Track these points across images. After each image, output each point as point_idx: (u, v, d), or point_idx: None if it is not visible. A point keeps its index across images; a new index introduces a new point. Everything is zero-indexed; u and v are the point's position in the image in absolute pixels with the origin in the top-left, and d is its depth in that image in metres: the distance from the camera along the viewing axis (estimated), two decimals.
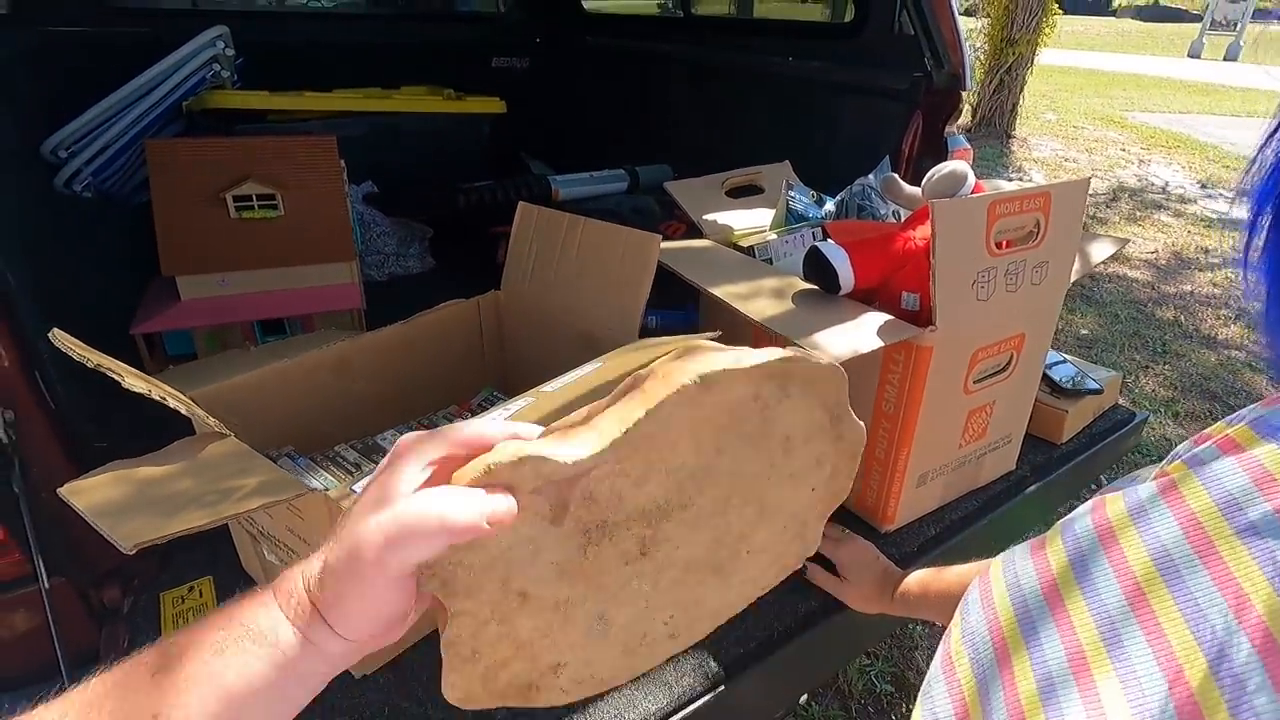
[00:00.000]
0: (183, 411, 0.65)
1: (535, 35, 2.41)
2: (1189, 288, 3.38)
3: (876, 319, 0.84)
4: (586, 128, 2.40)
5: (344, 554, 0.34)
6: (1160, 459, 0.45)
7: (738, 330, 1.07)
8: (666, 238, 1.61)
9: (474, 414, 0.98)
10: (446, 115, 1.91)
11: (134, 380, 0.63)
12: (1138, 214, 4.32)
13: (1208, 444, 0.39)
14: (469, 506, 0.33)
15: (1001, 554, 0.44)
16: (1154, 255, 3.72)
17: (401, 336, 0.98)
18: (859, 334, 0.80)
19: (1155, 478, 0.40)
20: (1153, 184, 4.87)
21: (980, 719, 0.37)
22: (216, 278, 1.23)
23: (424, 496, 0.34)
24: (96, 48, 1.63)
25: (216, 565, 0.87)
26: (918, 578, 0.76)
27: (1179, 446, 0.42)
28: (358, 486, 0.61)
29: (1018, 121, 6.01)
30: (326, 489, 0.69)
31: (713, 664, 0.76)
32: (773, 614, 0.82)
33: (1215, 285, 3.39)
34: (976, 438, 0.96)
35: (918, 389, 0.85)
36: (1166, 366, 2.71)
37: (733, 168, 1.29)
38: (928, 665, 0.44)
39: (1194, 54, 12.34)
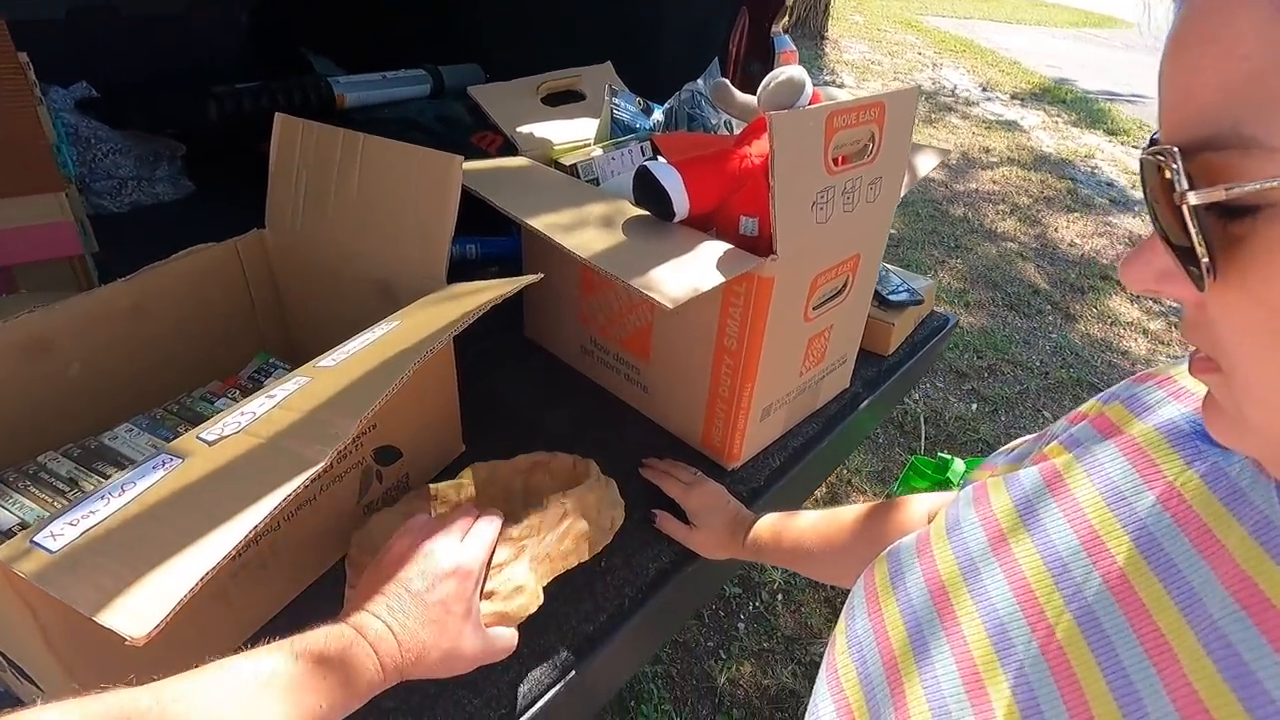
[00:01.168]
0: None
1: None
2: (975, 185, 3.72)
3: (715, 249, 0.76)
4: (380, 18, 2.04)
5: (439, 661, 0.50)
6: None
7: (565, 265, 0.95)
8: (480, 151, 1.43)
9: (243, 390, 0.79)
10: None
11: None
12: (933, 116, 4.64)
13: (1083, 423, 0.36)
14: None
15: (885, 552, 0.39)
16: (947, 156, 4.04)
17: (128, 298, 0.75)
18: (698, 270, 0.71)
19: (1034, 461, 0.37)
20: (944, 87, 5.24)
21: None
22: None
23: (503, 637, 0.56)
24: None
25: None
26: (768, 524, 0.73)
27: (1054, 425, 0.39)
28: (42, 536, 0.44)
29: (830, 22, 6.15)
30: (12, 532, 0.50)
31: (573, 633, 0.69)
32: (625, 578, 0.76)
33: (994, 183, 3.76)
34: (816, 363, 0.94)
35: (759, 321, 0.79)
36: (959, 260, 2.99)
37: (549, 69, 1.12)
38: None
39: None
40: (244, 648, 0.44)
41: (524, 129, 1.03)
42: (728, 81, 0.95)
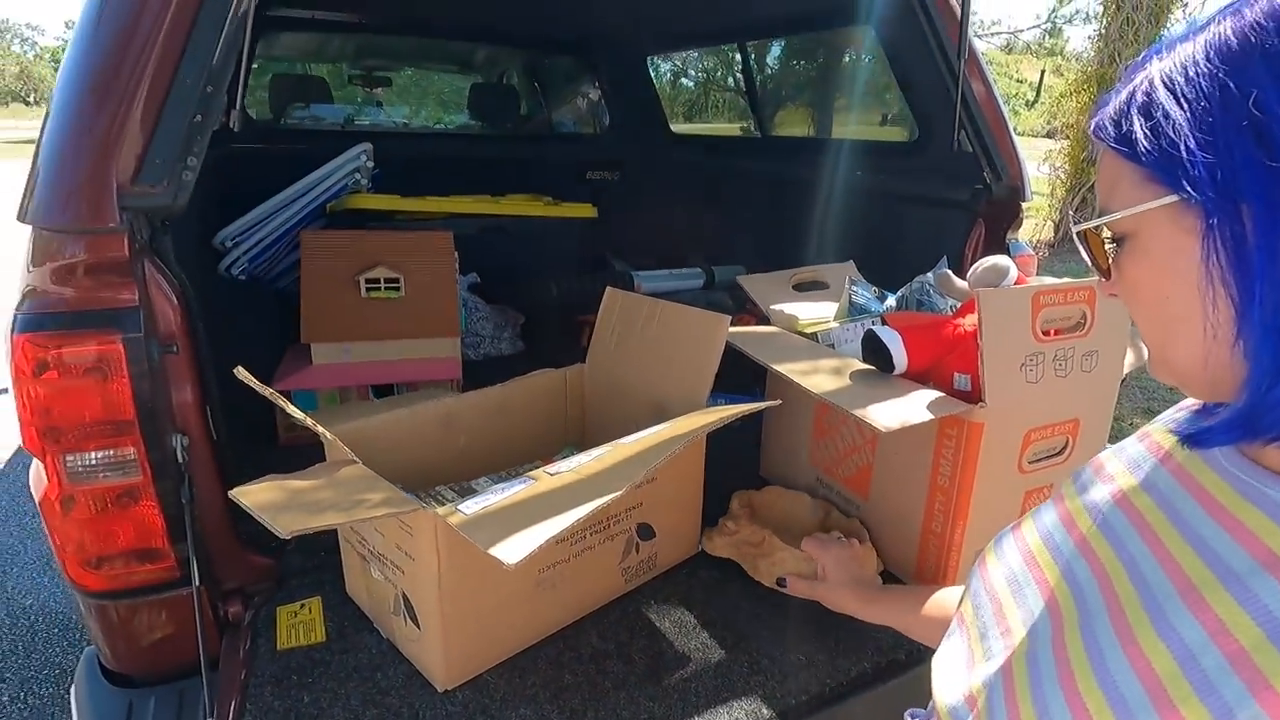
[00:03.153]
0: (326, 438, 0.79)
1: (627, 153, 2.70)
2: None
3: (928, 395, 0.91)
4: (667, 233, 2.62)
5: None
6: None
7: (800, 410, 1.15)
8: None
9: None
10: (544, 219, 2.15)
11: (294, 411, 0.77)
12: None
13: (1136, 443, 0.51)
14: None
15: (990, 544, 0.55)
16: None
17: (499, 397, 1.11)
18: (910, 407, 0.87)
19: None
20: None
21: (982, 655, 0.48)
22: (343, 346, 1.43)
23: None
24: (266, 161, 1.98)
25: (323, 588, 0.99)
26: (892, 590, 0.81)
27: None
28: (462, 507, 0.72)
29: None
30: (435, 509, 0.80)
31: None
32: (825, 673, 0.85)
33: None
34: None
35: (970, 463, 0.90)
36: None
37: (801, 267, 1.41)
38: None
39: None
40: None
41: (776, 307, 1.30)
42: (949, 271, 1.13)
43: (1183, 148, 0.35)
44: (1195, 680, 0.34)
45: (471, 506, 0.72)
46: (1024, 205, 1.55)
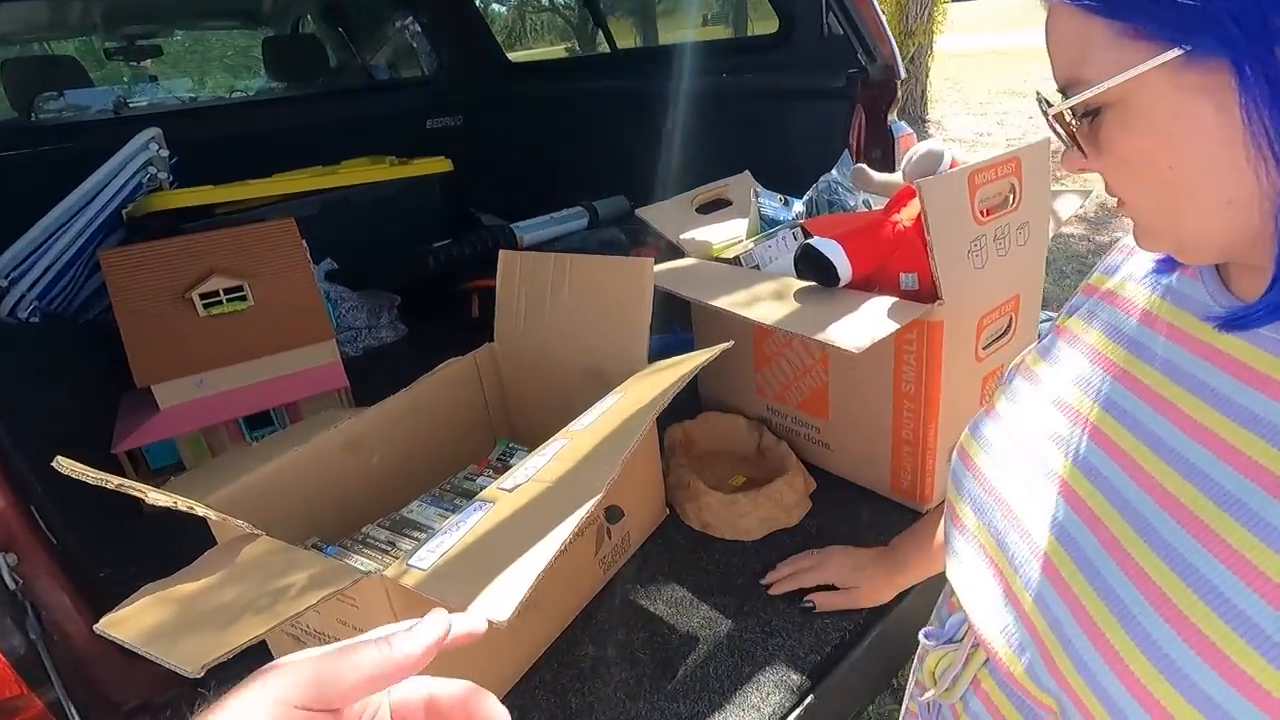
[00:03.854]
0: (212, 518, 0.61)
1: (466, 93, 2.43)
2: (1116, 236, 3.54)
3: (883, 303, 0.85)
4: (535, 174, 2.41)
5: None
6: None
7: (737, 342, 1.07)
8: None
9: (495, 470, 0.95)
10: (393, 181, 1.89)
11: (157, 496, 0.59)
12: (1058, 174, 4.53)
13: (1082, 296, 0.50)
14: None
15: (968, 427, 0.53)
16: (1082, 210, 3.90)
17: (406, 404, 0.95)
18: (873, 321, 0.81)
19: (1055, 332, 0.49)
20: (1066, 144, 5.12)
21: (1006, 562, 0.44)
22: (193, 379, 1.18)
23: None
24: (26, 169, 1.58)
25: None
26: (908, 545, 0.76)
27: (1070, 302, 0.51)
28: (415, 560, 0.58)
29: (929, 106, 6.28)
30: (380, 571, 0.65)
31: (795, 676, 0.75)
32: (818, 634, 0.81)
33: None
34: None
35: (935, 364, 0.86)
36: None
37: (688, 190, 1.30)
38: None
39: None
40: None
41: (686, 235, 1.20)
42: (864, 166, 1.07)
43: None
44: None
45: (426, 557, 0.58)
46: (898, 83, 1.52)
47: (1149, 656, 0.34)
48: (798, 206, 1.24)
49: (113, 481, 0.56)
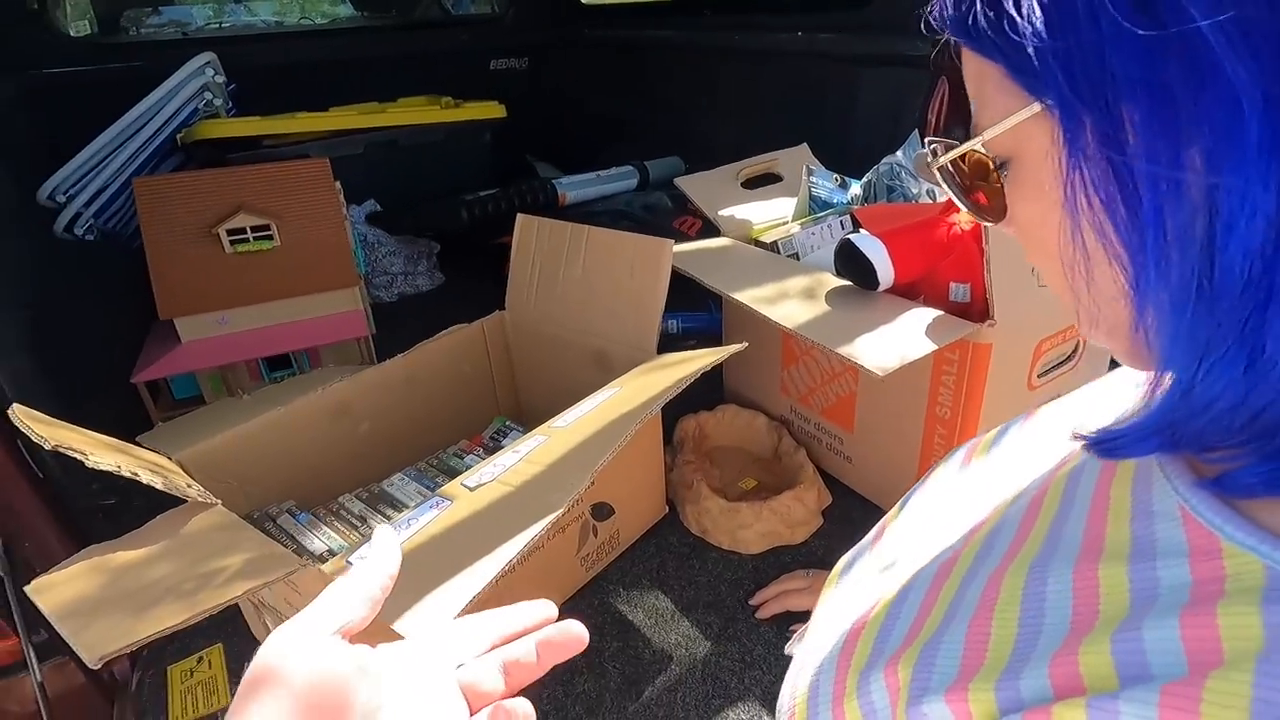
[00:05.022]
0: (157, 487, 0.58)
1: (533, 33, 2.33)
2: None
3: (924, 316, 0.75)
4: (593, 125, 2.32)
5: None
6: None
7: (766, 335, 0.98)
8: (682, 235, 1.53)
9: (486, 449, 0.91)
10: (445, 125, 1.84)
11: (101, 456, 0.56)
12: None
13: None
14: None
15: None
16: None
17: (403, 370, 0.91)
18: (907, 338, 0.71)
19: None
20: None
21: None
22: (216, 316, 1.18)
23: None
24: (88, 88, 1.60)
25: (225, 631, 0.82)
26: None
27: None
28: (356, 559, 0.54)
29: None
30: (323, 557, 0.62)
31: None
32: None
33: None
34: None
35: (976, 390, 0.76)
36: None
37: (747, 156, 1.20)
38: None
39: None
40: None
41: (725, 212, 1.10)
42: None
43: (1024, 24, 0.22)
44: None
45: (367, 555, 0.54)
46: None
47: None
48: (855, 189, 1.12)
49: (50, 440, 0.54)
